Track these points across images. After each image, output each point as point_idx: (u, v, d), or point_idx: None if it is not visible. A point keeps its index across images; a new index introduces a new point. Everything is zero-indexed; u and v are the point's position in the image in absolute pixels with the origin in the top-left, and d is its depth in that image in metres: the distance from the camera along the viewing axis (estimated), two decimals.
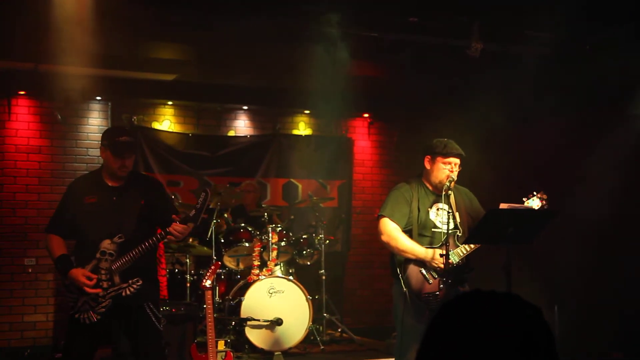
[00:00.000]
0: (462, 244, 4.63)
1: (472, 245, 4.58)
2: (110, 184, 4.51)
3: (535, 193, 4.61)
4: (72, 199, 4.52)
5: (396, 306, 4.73)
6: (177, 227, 4.30)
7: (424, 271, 4.64)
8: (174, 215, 4.34)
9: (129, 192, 4.51)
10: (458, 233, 4.71)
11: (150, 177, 6.27)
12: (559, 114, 7.34)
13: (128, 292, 4.39)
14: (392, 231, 4.68)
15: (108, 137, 4.52)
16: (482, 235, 4.47)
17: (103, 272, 4.38)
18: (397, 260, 4.72)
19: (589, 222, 6.45)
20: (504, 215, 4.44)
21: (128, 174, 4.53)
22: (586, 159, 6.71)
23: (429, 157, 4.79)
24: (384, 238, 4.71)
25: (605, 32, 6.40)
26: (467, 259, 4.68)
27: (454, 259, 4.57)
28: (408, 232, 4.73)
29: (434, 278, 4.61)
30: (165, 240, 4.51)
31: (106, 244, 4.38)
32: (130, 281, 4.40)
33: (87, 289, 4.32)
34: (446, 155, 4.70)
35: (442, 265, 4.53)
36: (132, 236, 4.39)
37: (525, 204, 4.64)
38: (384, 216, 4.74)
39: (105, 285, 4.38)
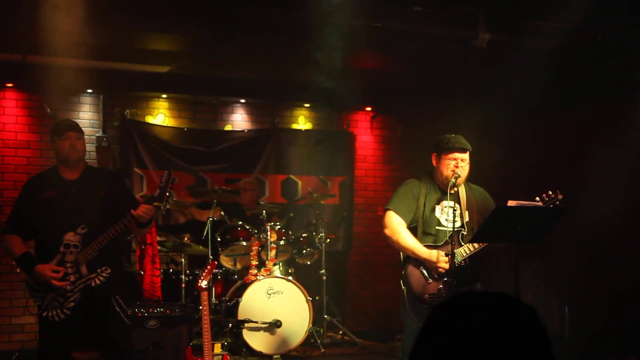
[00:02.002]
0: (466, 243, 4.63)
1: (476, 245, 4.58)
2: (67, 178, 4.61)
3: (550, 192, 4.59)
4: (29, 196, 4.61)
5: (402, 306, 4.76)
6: (142, 208, 4.41)
7: (424, 271, 4.65)
8: (137, 197, 4.44)
9: (87, 183, 4.62)
10: (463, 232, 4.71)
11: (109, 170, 6.40)
12: (569, 108, 7.33)
13: (97, 282, 4.47)
14: (395, 225, 4.71)
15: (52, 128, 4.74)
16: (490, 233, 4.47)
17: (69, 265, 4.45)
18: (401, 258, 4.75)
19: (602, 220, 6.44)
20: (512, 213, 4.43)
21: (84, 167, 4.65)
22: (598, 154, 6.69)
23: (435, 153, 4.83)
24: (387, 232, 4.75)
25: (617, 22, 6.39)
26: (476, 258, 4.68)
27: (457, 258, 4.58)
28: (413, 229, 4.75)
29: (435, 278, 4.61)
30: (129, 225, 4.55)
31: (70, 236, 4.46)
32: (98, 270, 4.47)
33: (55, 282, 4.37)
34: (449, 150, 4.72)
35: (446, 267, 4.53)
36: (96, 226, 4.48)
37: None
38: (390, 209, 4.78)
39: (72, 278, 4.44)
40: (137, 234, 6.25)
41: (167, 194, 4.49)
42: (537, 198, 4.60)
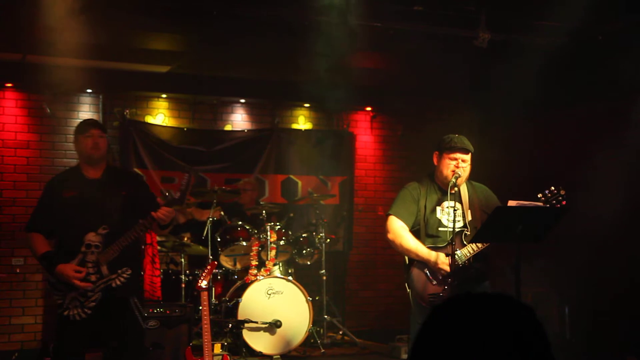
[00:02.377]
0: (469, 243, 4.63)
1: (479, 245, 4.58)
2: (89, 177, 4.60)
3: (553, 189, 4.59)
4: (51, 195, 4.62)
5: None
6: (162, 210, 4.40)
7: (428, 272, 4.65)
8: (158, 199, 4.43)
9: (109, 183, 4.61)
10: (466, 232, 4.71)
11: (129, 170, 6.38)
12: (569, 107, 7.33)
13: (118, 282, 4.47)
14: (397, 229, 4.72)
15: (76, 127, 4.75)
16: (490, 233, 4.47)
17: (90, 265, 4.45)
18: (406, 261, 4.76)
19: (602, 219, 6.44)
20: (513, 213, 4.43)
21: (106, 167, 4.65)
22: (598, 154, 6.70)
23: (436, 153, 4.83)
24: (389, 236, 4.76)
25: (618, 21, 6.39)
26: (481, 257, 4.68)
27: (460, 258, 4.58)
28: (416, 231, 4.75)
29: (438, 279, 4.62)
30: (150, 226, 4.57)
31: (91, 237, 4.45)
32: (119, 271, 4.47)
33: (77, 282, 4.37)
34: (451, 150, 4.71)
35: (446, 269, 4.54)
36: (117, 227, 4.48)
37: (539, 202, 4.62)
38: (391, 214, 4.79)
39: (93, 278, 4.44)
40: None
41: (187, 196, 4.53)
42: (539, 195, 4.59)
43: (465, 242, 4.66)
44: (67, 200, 4.52)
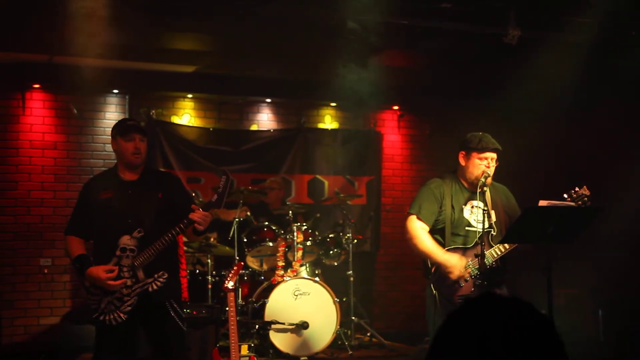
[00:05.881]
0: (497, 244, 4.58)
1: (507, 246, 4.53)
2: (125, 179, 4.54)
3: (577, 189, 4.53)
4: (88, 197, 4.55)
5: (429, 309, 4.71)
6: (199, 214, 4.26)
7: None
8: (193, 205, 4.33)
9: (145, 185, 4.53)
10: (492, 232, 4.66)
11: (166, 172, 6.31)
12: (601, 105, 7.24)
13: (154, 287, 4.40)
14: (416, 230, 4.67)
15: (115, 126, 4.61)
16: (520, 234, 4.42)
17: (125, 269, 4.39)
18: (428, 261, 4.71)
19: (638, 219, 6.35)
20: (544, 213, 4.37)
21: (144, 169, 4.57)
22: (634, 152, 6.60)
23: (463, 152, 4.75)
24: (408, 236, 4.71)
25: None
26: (503, 260, 4.63)
27: (488, 260, 4.53)
28: (441, 230, 4.70)
29: (465, 281, 4.57)
30: (186, 230, 4.48)
31: (125, 240, 4.40)
32: (155, 275, 4.40)
33: (110, 282, 4.32)
34: (482, 150, 4.66)
35: (455, 275, 4.49)
36: (152, 230, 4.40)
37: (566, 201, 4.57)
38: (412, 214, 4.74)
39: (129, 282, 4.39)
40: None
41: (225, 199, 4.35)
42: (565, 195, 4.53)
43: (492, 243, 4.61)
44: (103, 203, 4.45)
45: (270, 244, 7.30)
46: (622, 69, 6.69)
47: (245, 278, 7.49)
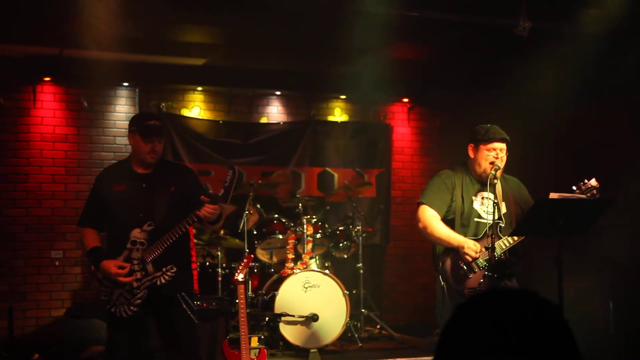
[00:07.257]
0: (505, 236, 4.57)
1: (515, 238, 4.52)
2: (139, 172, 4.55)
3: (586, 181, 4.51)
4: (101, 189, 4.58)
5: (439, 301, 4.72)
6: (207, 209, 4.30)
7: (465, 265, 4.60)
8: (202, 197, 4.34)
9: (158, 179, 4.54)
10: (501, 224, 4.65)
11: (181, 165, 6.31)
12: (614, 97, 7.20)
13: (163, 281, 4.43)
14: (429, 218, 4.67)
15: (136, 122, 4.57)
16: (531, 226, 4.41)
17: (135, 262, 4.43)
18: (437, 252, 4.71)
19: None
20: (555, 206, 4.36)
21: (157, 161, 4.57)
22: None
23: (472, 145, 4.74)
24: (420, 225, 4.71)
25: None
26: (511, 251, 4.62)
27: (496, 251, 4.52)
28: (450, 221, 4.70)
29: (474, 272, 4.57)
30: (197, 224, 4.53)
31: (136, 233, 4.44)
32: (164, 269, 4.44)
33: (121, 278, 4.37)
34: (489, 141, 4.65)
35: (471, 255, 4.48)
36: (163, 223, 4.43)
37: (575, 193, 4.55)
38: (423, 203, 4.73)
39: (139, 275, 4.43)
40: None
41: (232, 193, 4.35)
42: (574, 187, 4.51)
43: (501, 235, 4.60)
44: (115, 195, 4.48)
45: (280, 236, 7.32)
46: (633, 61, 6.65)
47: (255, 270, 7.51)
